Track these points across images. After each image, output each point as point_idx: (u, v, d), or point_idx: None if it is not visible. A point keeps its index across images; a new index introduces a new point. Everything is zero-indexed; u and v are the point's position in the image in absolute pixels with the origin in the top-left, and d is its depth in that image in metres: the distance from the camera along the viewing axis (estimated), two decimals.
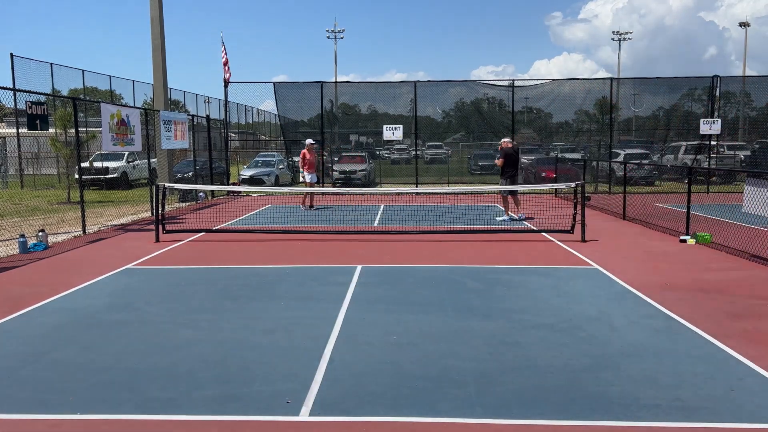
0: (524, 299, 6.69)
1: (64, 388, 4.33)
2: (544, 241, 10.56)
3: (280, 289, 7.22)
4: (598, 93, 23.74)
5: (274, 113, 26.08)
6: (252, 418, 3.88)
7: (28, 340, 5.41)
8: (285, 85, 24.15)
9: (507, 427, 3.75)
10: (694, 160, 22.90)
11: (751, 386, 4.32)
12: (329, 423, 3.81)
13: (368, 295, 6.89)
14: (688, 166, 15.15)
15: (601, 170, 22.39)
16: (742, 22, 50.00)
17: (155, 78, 19.62)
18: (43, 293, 7.05)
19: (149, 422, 3.83)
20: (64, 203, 17.34)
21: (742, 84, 26.55)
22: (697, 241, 10.14)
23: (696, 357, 4.91)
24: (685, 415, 3.86)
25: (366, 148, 27.91)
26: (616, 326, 5.71)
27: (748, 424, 3.76)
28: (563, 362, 4.78)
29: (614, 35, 59.20)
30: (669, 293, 6.89)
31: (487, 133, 26.11)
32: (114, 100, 29.05)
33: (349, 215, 14.59)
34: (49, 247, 10.23)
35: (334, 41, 54.49)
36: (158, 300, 6.79)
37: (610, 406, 3.99)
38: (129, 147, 14.50)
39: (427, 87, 23.71)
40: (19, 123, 21.88)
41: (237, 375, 4.56)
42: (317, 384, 4.37)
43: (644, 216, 13.17)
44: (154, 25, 19.05)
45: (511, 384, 4.37)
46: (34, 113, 10.43)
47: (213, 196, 19.51)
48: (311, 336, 5.44)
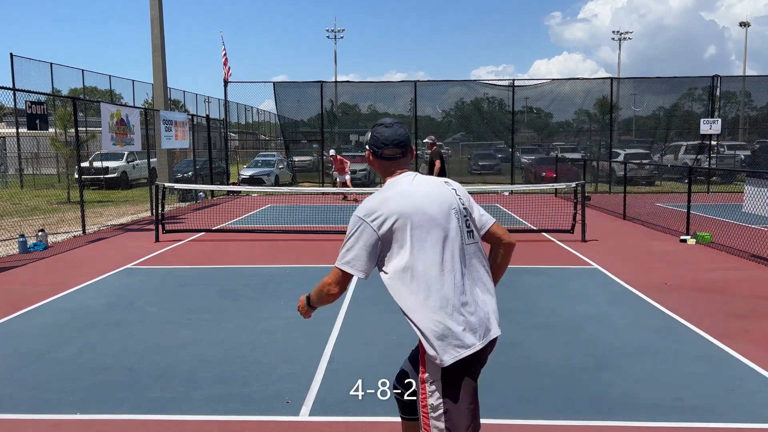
0: (524, 299, 6.69)
1: (64, 388, 4.33)
2: (544, 241, 10.56)
3: (280, 289, 7.22)
4: (598, 93, 23.74)
5: (274, 113, 26.05)
6: (252, 418, 3.88)
7: (28, 340, 5.41)
8: (285, 85, 24.16)
9: (507, 427, 3.75)
10: (695, 159, 22.90)
11: (751, 386, 4.32)
12: (329, 423, 3.81)
13: (368, 295, 6.88)
14: (689, 166, 15.15)
15: (601, 170, 22.40)
16: (742, 22, 50.00)
17: (155, 78, 19.61)
18: (43, 293, 7.05)
19: (149, 422, 3.83)
20: (63, 203, 17.34)
21: (742, 84, 26.55)
22: (697, 241, 10.14)
23: (696, 357, 4.91)
24: (685, 415, 3.86)
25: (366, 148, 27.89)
26: (616, 326, 5.71)
27: (748, 424, 3.76)
28: (563, 362, 4.78)
29: (614, 35, 59.24)
30: (669, 293, 6.89)
31: (487, 133, 26.11)
32: (114, 100, 29.05)
33: (349, 215, 14.58)
34: (49, 247, 10.23)
35: (334, 41, 54.46)
36: (158, 300, 6.79)
37: (610, 406, 3.99)
38: (129, 147, 14.50)
39: (427, 87, 23.71)
40: (18, 123, 21.87)
41: (237, 375, 4.55)
42: (317, 384, 4.37)
43: (644, 216, 13.17)
44: (154, 25, 19.05)
45: (511, 384, 4.37)
46: (34, 113, 10.43)
47: (213, 196, 19.50)
48: (311, 336, 5.44)
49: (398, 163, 2.61)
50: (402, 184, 2.54)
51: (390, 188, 2.54)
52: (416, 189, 2.51)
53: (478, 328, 2.43)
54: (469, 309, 2.42)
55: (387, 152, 2.59)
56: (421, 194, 2.48)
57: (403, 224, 2.41)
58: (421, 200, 2.46)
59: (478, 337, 2.43)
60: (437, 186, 2.57)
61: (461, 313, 2.40)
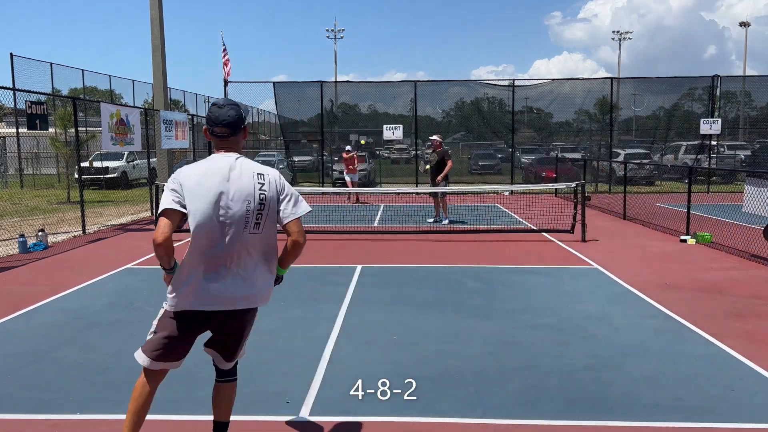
0: (524, 299, 6.69)
1: (64, 388, 4.33)
2: (544, 241, 10.56)
3: (280, 289, 7.20)
4: (598, 93, 23.72)
5: (274, 113, 26.03)
6: (252, 418, 3.88)
7: (28, 340, 5.41)
8: (285, 85, 24.14)
9: (507, 427, 3.75)
10: (695, 160, 22.90)
11: (751, 386, 4.32)
12: (329, 423, 3.81)
13: (368, 295, 6.88)
14: (689, 166, 15.15)
15: (601, 170, 22.39)
16: (742, 22, 50.04)
17: (155, 78, 19.60)
18: (43, 293, 7.05)
19: (149, 422, 3.81)
20: (63, 203, 17.34)
21: (742, 84, 26.54)
22: (697, 241, 10.14)
23: (696, 357, 4.91)
24: (685, 415, 3.86)
25: (366, 148, 27.89)
26: (616, 326, 5.71)
27: (748, 424, 3.75)
28: (563, 362, 4.78)
29: (614, 35, 59.21)
30: (669, 293, 6.89)
31: (487, 133, 26.10)
32: (114, 100, 29.04)
33: (349, 215, 14.59)
34: (49, 247, 10.23)
35: (334, 41, 54.49)
36: (158, 300, 6.74)
37: (610, 406, 3.99)
38: (129, 147, 14.50)
39: (427, 87, 23.69)
40: (18, 123, 21.86)
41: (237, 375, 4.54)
42: (317, 384, 4.37)
43: (644, 216, 13.17)
44: (154, 25, 19.04)
45: (511, 384, 4.37)
46: (34, 113, 10.43)
47: None
48: (311, 336, 5.44)
49: (227, 142, 3.01)
50: (213, 161, 2.98)
51: (205, 162, 3.00)
52: (218, 168, 2.92)
53: (212, 296, 2.93)
54: (212, 278, 2.93)
55: (217, 130, 2.99)
56: (218, 174, 2.90)
57: (188, 192, 2.87)
58: (214, 181, 2.88)
59: (204, 302, 2.95)
60: (244, 174, 2.94)
61: (204, 278, 2.93)
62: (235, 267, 2.96)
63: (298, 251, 3.10)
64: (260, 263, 3.03)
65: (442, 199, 12.90)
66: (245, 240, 2.94)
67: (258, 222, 2.95)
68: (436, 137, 12.89)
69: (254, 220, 2.94)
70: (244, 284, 2.98)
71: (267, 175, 3.00)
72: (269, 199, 2.97)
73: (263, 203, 2.95)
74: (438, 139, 12.81)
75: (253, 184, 2.94)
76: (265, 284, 3.09)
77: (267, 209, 2.97)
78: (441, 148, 12.67)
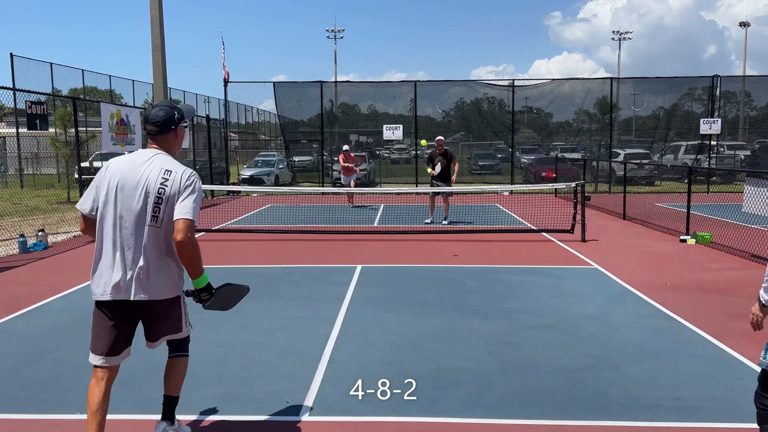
0: (524, 299, 6.69)
1: (64, 388, 4.33)
2: (544, 241, 10.56)
3: (280, 289, 7.21)
4: (598, 93, 23.74)
5: (274, 113, 26.05)
6: (252, 418, 3.88)
7: (28, 340, 5.41)
8: (285, 85, 24.16)
9: (507, 427, 3.75)
10: (695, 159, 22.90)
11: (751, 386, 4.30)
12: (329, 423, 3.81)
13: (368, 295, 6.88)
14: (689, 166, 15.15)
15: (601, 170, 22.40)
16: (742, 22, 50.03)
17: (155, 78, 19.62)
18: (43, 293, 7.05)
19: (149, 422, 3.82)
20: (64, 203, 17.33)
21: (742, 84, 26.56)
22: (697, 241, 10.14)
23: (696, 357, 4.91)
24: (685, 415, 3.86)
25: (365, 148, 27.90)
26: (616, 326, 5.71)
27: (748, 424, 3.76)
28: (563, 362, 4.78)
29: (614, 35, 59.17)
30: (669, 293, 6.89)
31: (487, 133, 26.11)
32: (114, 100, 29.05)
33: (349, 215, 14.59)
34: (49, 247, 10.23)
35: (334, 41, 54.49)
36: None
37: (610, 406, 3.99)
38: (129, 147, 14.49)
39: (427, 87, 23.71)
40: (19, 123, 21.86)
41: (237, 375, 4.55)
42: (317, 384, 4.37)
43: (644, 216, 13.17)
44: (154, 25, 19.05)
45: (511, 384, 4.37)
46: (34, 113, 10.43)
47: (213, 196, 19.50)
48: (311, 336, 5.44)
49: (155, 139, 3.25)
50: (135, 154, 3.25)
51: (130, 154, 3.26)
52: (132, 160, 3.18)
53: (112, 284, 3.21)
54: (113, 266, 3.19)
55: (147, 128, 3.26)
56: (127, 167, 3.14)
57: (105, 183, 3.13)
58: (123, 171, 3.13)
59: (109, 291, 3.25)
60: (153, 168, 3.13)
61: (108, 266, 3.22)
62: (133, 257, 3.13)
63: (183, 252, 3.07)
64: (158, 257, 3.14)
65: (447, 199, 12.97)
66: (145, 232, 3.10)
67: (155, 215, 3.09)
68: (441, 137, 13.00)
69: (152, 212, 3.09)
70: (142, 276, 3.13)
71: (174, 173, 3.13)
72: (168, 195, 3.09)
73: (161, 197, 3.09)
74: (442, 138, 12.92)
75: (158, 178, 3.10)
76: (162, 279, 3.17)
77: (165, 204, 3.09)
78: (445, 149, 12.75)
